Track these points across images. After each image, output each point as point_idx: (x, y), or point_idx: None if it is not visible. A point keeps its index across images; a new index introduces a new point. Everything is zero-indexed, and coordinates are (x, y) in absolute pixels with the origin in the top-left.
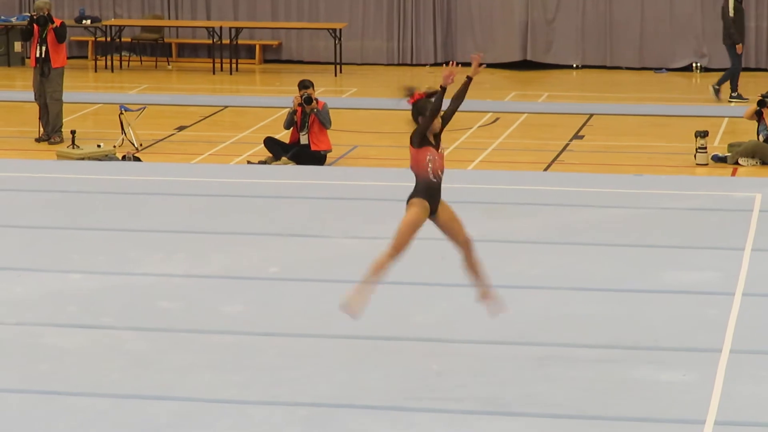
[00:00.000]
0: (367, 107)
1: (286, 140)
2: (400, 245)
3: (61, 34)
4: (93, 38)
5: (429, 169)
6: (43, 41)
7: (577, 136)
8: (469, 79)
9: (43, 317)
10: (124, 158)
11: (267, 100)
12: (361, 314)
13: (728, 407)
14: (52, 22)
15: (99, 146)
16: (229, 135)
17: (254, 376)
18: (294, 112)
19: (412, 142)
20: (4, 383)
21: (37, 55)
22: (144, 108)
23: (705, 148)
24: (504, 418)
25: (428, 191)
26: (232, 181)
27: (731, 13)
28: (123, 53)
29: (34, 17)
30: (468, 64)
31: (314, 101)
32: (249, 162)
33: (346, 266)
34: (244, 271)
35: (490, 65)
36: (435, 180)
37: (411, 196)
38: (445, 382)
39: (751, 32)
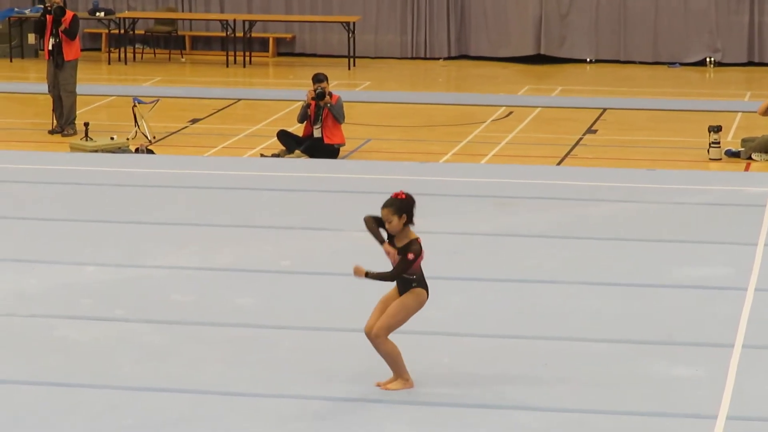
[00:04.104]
0: (380, 101)
1: (300, 133)
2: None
3: (71, 32)
4: (107, 30)
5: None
6: (55, 34)
7: (590, 131)
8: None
9: (56, 309)
10: (137, 151)
11: (280, 93)
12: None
13: (740, 402)
14: (63, 15)
15: (112, 138)
16: (242, 128)
17: (266, 369)
18: (308, 105)
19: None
20: (18, 375)
21: (50, 47)
22: (157, 100)
23: (718, 142)
24: (516, 412)
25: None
26: (245, 173)
27: None
28: (136, 46)
29: (48, 8)
30: (478, 59)
31: (327, 96)
32: (262, 155)
33: (359, 260)
34: (256, 264)
35: (504, 59)
36: None
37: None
38: (458, 376)
39: (765, 27)
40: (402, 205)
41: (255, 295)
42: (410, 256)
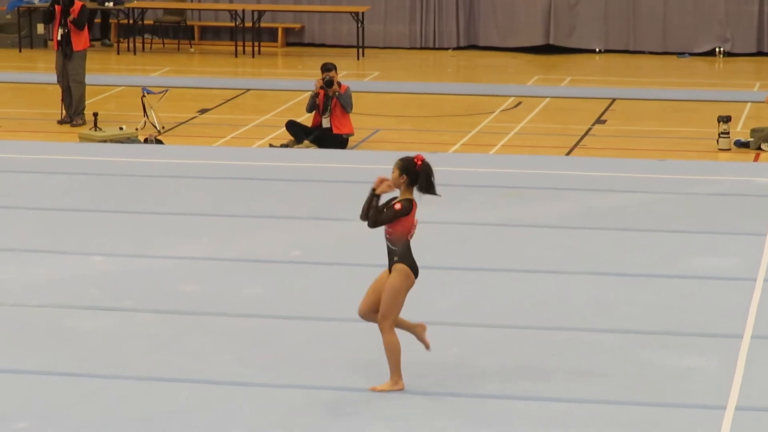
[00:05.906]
0: (389, 91)
1: (309, 123)
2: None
3: (78, 23)
4: (116, 21)
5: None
6: (64, 24)
7: (599, 121)
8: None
9: (65, 300)
10: (146, 141)
11: (289, 84)
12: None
13: (749, 392)
14: (72, 5)
15: (121, 129)
16: (251, 118)
17: (275, 359)
18: (316, 95)
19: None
20: (26, 365)
21: (58, 38)
22: (166, 91)
23: (727, 133)
24: (525, 402)
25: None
26: (254, 164)
27: None
28: (145, 36)
29: None
30: (487, 49)
31: (336, 84)
32: (271, 145)
33: (369, 250)
34: (265, 255)
35: (513, 49)
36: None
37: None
38: (466, 366)
39: None
40: (406, 165)
41: (264, 285)
42: (397, 206)
